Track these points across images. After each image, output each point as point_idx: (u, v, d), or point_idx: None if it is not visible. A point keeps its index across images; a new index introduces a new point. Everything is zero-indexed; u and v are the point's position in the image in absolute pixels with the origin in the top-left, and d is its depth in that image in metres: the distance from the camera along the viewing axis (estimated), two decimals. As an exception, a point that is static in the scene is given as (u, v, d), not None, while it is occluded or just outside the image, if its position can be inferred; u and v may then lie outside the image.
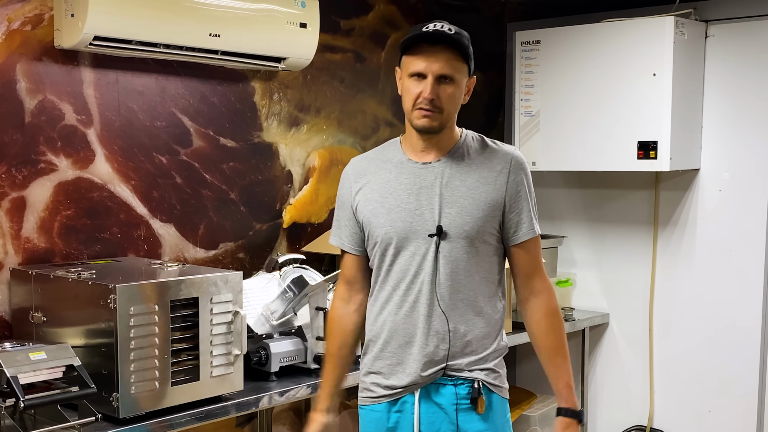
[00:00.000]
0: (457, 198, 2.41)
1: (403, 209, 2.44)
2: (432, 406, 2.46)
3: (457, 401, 2.45)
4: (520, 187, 2.46)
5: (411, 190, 2.45)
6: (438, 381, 2.46)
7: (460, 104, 2.45)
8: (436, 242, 2.41)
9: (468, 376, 2.45)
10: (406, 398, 2.48)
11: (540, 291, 2.51)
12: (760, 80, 3.88)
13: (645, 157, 3.86)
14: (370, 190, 2.51)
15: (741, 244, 3.98)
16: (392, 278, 2.46)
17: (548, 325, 2.51)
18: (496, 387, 2.48)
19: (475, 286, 2.44)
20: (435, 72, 2.34)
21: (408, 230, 2.43)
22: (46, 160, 2.99)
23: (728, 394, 4.04)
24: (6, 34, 2.88)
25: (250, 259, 3.62)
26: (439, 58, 2.34)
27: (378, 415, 2.52)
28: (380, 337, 2.50)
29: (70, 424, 2.40)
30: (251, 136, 3.61)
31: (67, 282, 2.66)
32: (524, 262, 2.50)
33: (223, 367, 2.77)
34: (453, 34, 2.34)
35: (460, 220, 2.40)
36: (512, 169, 2.46)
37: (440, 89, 2.36)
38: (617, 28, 3.95)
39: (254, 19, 3.26)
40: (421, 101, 2.36)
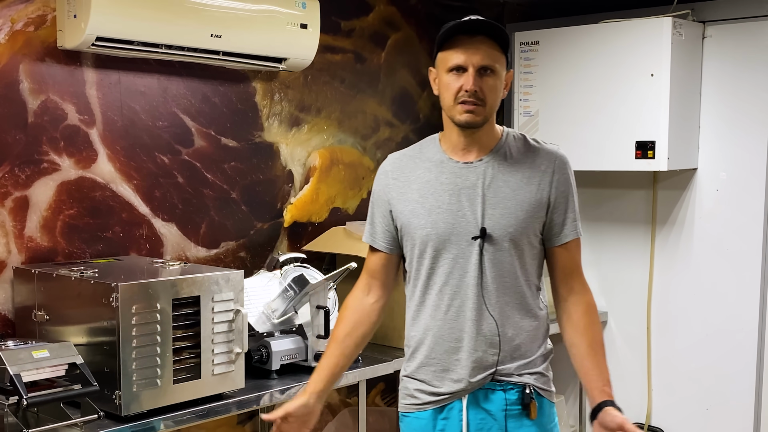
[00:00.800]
0: (501, 199, 2.33)
1: (445, 210, 2.35)
2: (480, 413, 2.38)
3: (506, 407, 2.37)
4: (564, 187, 2.39)
5: (452, 190, 2.35)
6: (486, 386, 2.37)
7: (500, 98, 2.36)
8: (480, 244, 2.32)
9: (518, 381, 2.37)
10: (453, 405, 2.39)
11: (580, 290, 2.45)
12: (757, 80, 3.87)
13: (643, 157, 3.85)
14: (410, 189, 2.41)
15: (738, 243, 3.98)
16: (434, 282, 2.37)
17: (590, 321, 2.43)
18: (545, 391, 2.42)
19: (521, 289, 2.37)
20: (476, 63, 2.25)
21: (450, 232, 2.34)
22: (48, 159, 2.99)
23: (725, 392, 4.04)
24: (9, 34, 2.88)
25: (251, 258, 3.62)
26: (479, 49, 2.26)
27: (423, 423, 2.42)
28: (424, 343, 2.41)
29: (72, 421, 2.40)
30: (252, 136, 3.61)
31: (70, 281, 2.66)
32: (566, 263, 2.43)
33: (225, 365, 2.77)
34: (490, 24, 2.27)
35: (504, 222, 2.32)
36: (557, 169, 2.38)
37: (482, 81, 2.27)
38: (615, 29, 3.95)
39: (255, 20, 3.26)
40: (462, 95, 2.27)
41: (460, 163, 2.37)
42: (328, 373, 2.49)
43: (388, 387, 4.18)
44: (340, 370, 2.52)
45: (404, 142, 4.22)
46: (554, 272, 2.45)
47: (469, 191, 2.34)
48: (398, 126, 4.21)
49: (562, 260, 2.43)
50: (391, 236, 2.47)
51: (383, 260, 2.51)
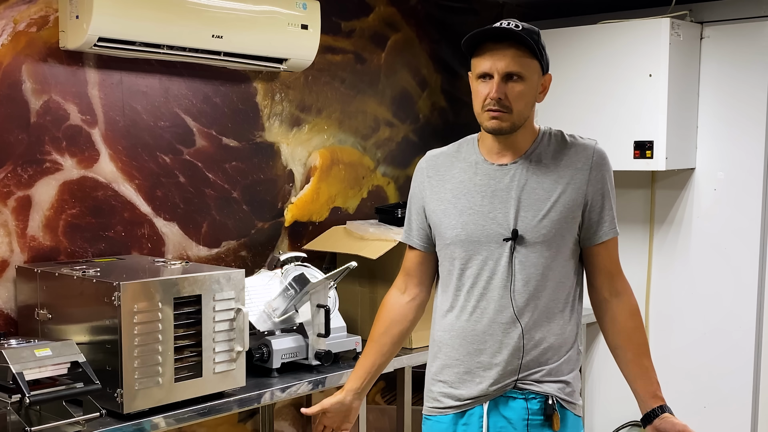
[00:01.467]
0: (534, 201, 2.29)
1: (477, 212, 2.33)
2: (500, 420, 2.33)
3: (528, 416, 2.31)
4: (601, 184, 2.34)
5: (485, 192, 2.33)
6: (507, 394, 2.33)
7: (534, 103, 2.33)
8: (511, 247, 2.29)
9: (539, 390, 2.32)
10: (473, 410, 2.35)
11: (623, 291, 2.40)
12: (754, 81, 3.87)
13: (641, 157, 3.85)
14: (443, 189, 2.40)
15: (735, 242, 3.98)
16: (463, 282, 2.35)
17: (635, 325, 2.40)
18: (569, 403, 2.35)
19: (551, 293, 2.31)
20: (501, 70, 2.22)
21: (480, 234, 2.31)
22: (51, 159, 2.99)
23: (723, 389, 4.04)
24: (12, 35, 2.88)
25: (252, 257, 3.62)
26: (505, 56, 2.22)
27: (444, 426, 2.39)
28: (447, 344, 2.39)
29: (74, 419, 2.40)
30: (253, 135, 3.61)
31: (72, 279, 2.66)
32: (606, 262, 2.38)
33: (226, 364, 2.77)
34: (518, 30, 2.22)
35: (538, 224, 2.28)
36: (593, 166, 2.34)
37: (508, 88, 2.23)
38: (614, 30, 3.95)
39: (256, 21, 3.26)
40: (488, 102, 2.25)
41: (494, 165, 2.35)
42: (365, 371, 2.52)
43: (388, 385, 4.18)
44: (377, 369, 2.54)
45: (404, 142, 4.22)
46: (594, 273, 2.40)
47: (503, 193, 2.32)
48: (398, 126, 4.21)
49: (602, 260, 2.38)
50: (425, 234, 2.46)
51: (419, 258, 2.50)
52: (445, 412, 2.40)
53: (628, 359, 2.40)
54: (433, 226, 2.42)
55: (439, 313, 2.44)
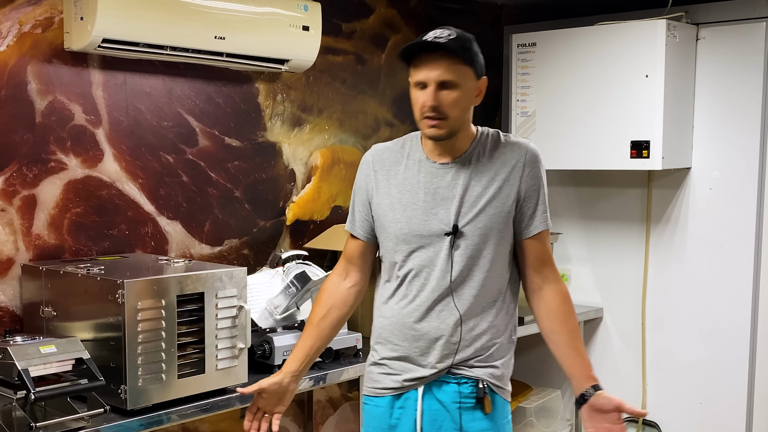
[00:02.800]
0: (473, 197, 2.38)
1: (420, 207, 2.41)
2: (435, 403, 2.42)
3: (460, 400, 2.41)
4: (534, 180, 2.42)
5: (428, 189, 2.41)
6: (441, 378, 2.41)
7: (470, 107, 2.39)
8: (451, 241, 2.37)
9: (471, 375, 2.40)
10: (409, 394, 2.44)
11: (554, 279, 2.48)
12: (749, 81, 3.87)
13: (638, 156, 3.85)
14: (389, 184, 2.47)
15: (731, 241, 3.98)
16: (404, 273, 2.43)
17: (568, 310, 2.46)
18: (498, 388, 2.44)
19: (487, 284, 2.40)
20: (434, 79, 2.29)
21: (423, 228, 2.39)
22: (56, 159, 2.99)
23: (719, 386, 4.04)
24: (17, 36, 2.87)
25: (254, 255, 3.62)
26: (438, 65, 2.28)
27: (381, 411, 2.49)
28: (388, 330, 2.47)
29: (79, 415, 2.40)
30: (255, 135, 3.61)
31: (77, 277, 2.66)
32: (538, 253, 2.46)
33: (228, 360, 2.77)
34: (447, 41, 2.27)
35: (476, 220, 2.37)
36: (527, 163, 2.41)
37: (442, 96, 2.30)
38: (611, 31, 3.94)
39: (258, 22, 3.26)
40: (425, 110, 2.31)
41: (436, 164, 2.44)
42: (304, 354, 2.54)
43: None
44: (315, 352, 2.58)
45: (404, 142, 4.22)
46: (527, 263, 2.48)
47: (444, 191, 2.41)
48: (398, 126, 4.21)
49: (534, 251, 2.47)
50: (369, 225, 2.55)
51: (361, 248, 2.58)
52: (382, 394, 2.48)
53: (562, 342, 2.46)
54: (376, 219, 2.50)
55: (380, 300, 2.52)
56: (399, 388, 2.45)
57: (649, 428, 4.27)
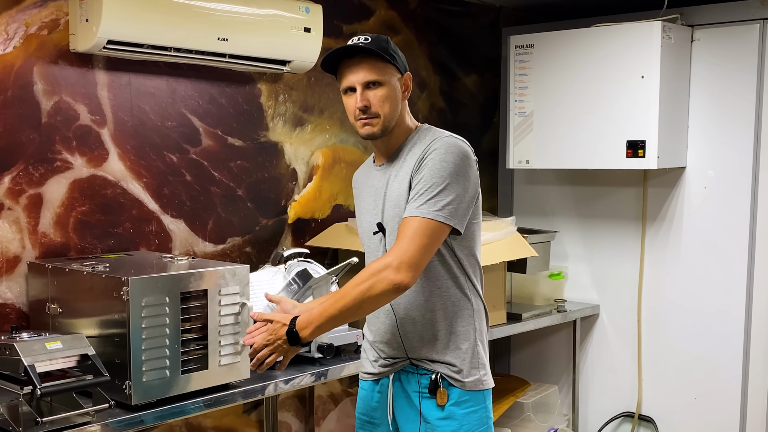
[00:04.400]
0: (392, 194, 2.45)
1: (365, 209, 2.57)
2: (401, 392, 2.56)
3: (419, 389, 2.50)
4: (423, 170, 2.33)
5: (369, 192, 2.56)
6: (407, 369, 2.53)
7: (399, 102, 2.43)
8: (380, 239, 2.48)
9: (428, 368, 2.48)
10: (383, 381, 2.59)
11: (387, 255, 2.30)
12: (743, 82, 3.87)
13: (634, 156, 3.85)
14: (358, 194, 2.65)
15: (725, 239, 3.98)
16: None
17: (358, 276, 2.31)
18: (456, 381, 2.46)
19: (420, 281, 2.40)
20: (360, 81, 2.38)
21: (365, 229, 2.56)
22: (61, 158, 2.99)
23: (713, 381, 4.04)
24: (24, 38, 2.87)
25: (257, 253, 3.62)
26: (361, 68, 2.38)
27: (365, 393, 2.66)
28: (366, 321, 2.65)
29: (84, 410, 2.40)
30: (258, 135, 3.61)
31: (82, 275, 2.66)
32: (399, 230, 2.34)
33: (231, 356, 2.77)
34: (367, 42, 2.37)
35: (392, 213, 2.44)
36: (426, 151, 2.36)
37: (370, 95, 2.39)
38: (607, 33, 3.94)
39: (260, 24, 3.26)
40: (357, 113, 2.41)
41: (376, 166, 2.56)
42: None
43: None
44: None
45: (404, 142, 4.21)
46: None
47: (377, 191, 2.52)
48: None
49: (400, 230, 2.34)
50: None
51: None
52: (366, 378, 2.67)
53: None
54: None
55: None
56: (376, 374, 2.60)
57: (645, 423, 4.27)
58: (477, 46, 4.65)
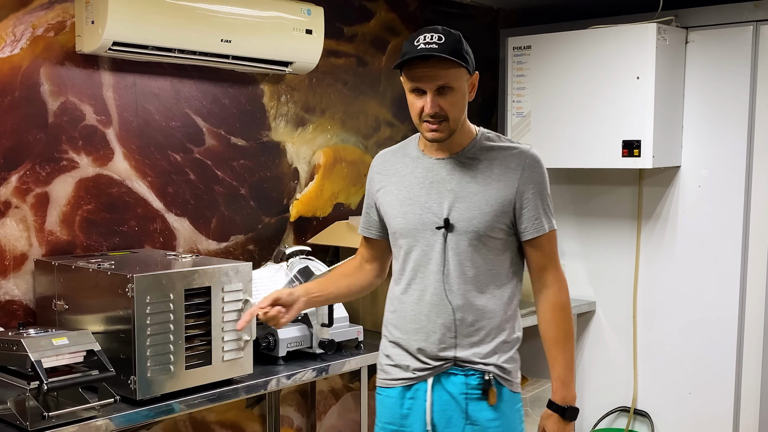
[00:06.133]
0: (467, 194, 2.35)
1: (415, 202, 2.39)
2: (444, 394, 2.41)
3: (467, 391, 2.39)
4: (533, 185, 2.37)
5: (423, 184, 2.40)
6: (450, 371, 2.40)
7: (466, 104, 2.36)
8: (444, 235, 2.35)
9: (477, 368, 2.38)
10: (419, 385, 2.43)
11: (550, 284, 2.43)
12: (736, 83, 3.87)
13: (629, 155, 3.85)
14: (389, 182, 2.47)
15: (719, 237, 3.97)
16: (406, 268, 2.43)
17: (552, 318, 2.43)
18: (505, 380, 2.42)
19: (482, 279, 2.37)
20: (432, 86, 2.27)
21: (418, 223, 2.38)
22: (68, 158, 2.98)
23: (707, 377, 4.04)
24: (30, 39, 2.87)
25: (259, 250, 3.62)
26: (434, 71, 2.26)
27: (392, 401, 2.47)
28: (392, 323, 2.48)
29: (90, 405, 2.40)
30: (260, 135, 3.60)
31: (88, 272, 2.66)
32: (535, 258, 2.42)
33: (234, 352, 2.76)
34: (440, 45, 2.24)
35: (469, 215, 2.33)
36: (526, 167, 2.36)
37: (441, 100, 2.27)
38: (603, 35, 3.94)
39: (263, 26, 3.25)
40: (424, 116, 2.30)
41: (432, 159, 2.42)
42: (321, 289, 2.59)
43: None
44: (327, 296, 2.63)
45: (404, 142, 4.21)
46: (529, 266, 2.47)
47: (439, 185, 2.38)
48: (398, 126, 4.20)
49: (531, 256, 2.44)
50: (376, 224, 2.57)
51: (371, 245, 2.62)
52: (393, 385, 2.47)
53: (546, 349, 2.47)
54: (384, 218, 2.51)
55: (390, 294, 2.53)
56: (409, 378, 2.44)
57: (641, 417, 4.27)
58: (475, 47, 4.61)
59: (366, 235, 2.60)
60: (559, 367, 2.43)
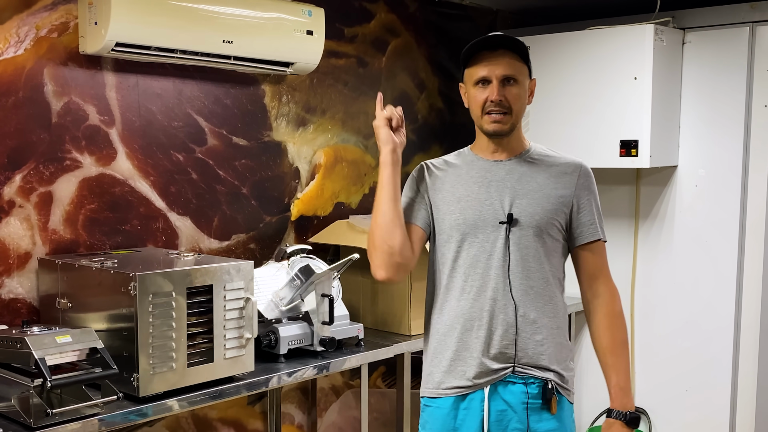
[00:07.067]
0: (528, 191, 2.34)
1: (473, 198, 2.36)
2: (501, 404, 2.33)
3: (527, 400, 2.32)
4: (588, 192, 2.40)
5: (481, 182, 2.37)
6: (508, 379, 2.33)
7: (526, 105, 2.37)
8: (507, 229, 2.31)
9: (538, 375, 2.32)
10: (474, 395, 2.34)
11: (602, 293, 2.41)
12: (733, 83, 3.87)
13: (627, 155, 3.85)
14: (442, 181, 2.43)
15: (716, 236, 3.97)
16: (459, 265, 2.36)
17: (606, 326, 2.40)
18: (564, 390, 2.38)
19: (545, 275, 2.34)
20: (498, 75, 2.28)
21: (477, 218, 2.34)
22: (71, 157, 2.98)
23: (704, 374, 4.03)
24: (34, 40, 2.87)
25: (261, 249, 3.62)
26: (501, 61, 2.28)
27: (444, 412, 2.37)
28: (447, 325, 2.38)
29: (93, 402, 2.40)
30: (262, 135, 3.60)
31: (91, 270, 2.65)
32: (589, 264, 2.40)
33: (236, 350, 2.76)
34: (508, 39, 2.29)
35: (531, 210, 2.32)
36: (581, 174, 2.41)
37: (506, 90, 2.29)
38: (601, 36, 3.94)
39: (264, 27, 3.25)
40: (488, 105, 2.29)
41: (490, 161, 2.40)
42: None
43: (389, 370, 4.18)
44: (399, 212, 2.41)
45: (404, 141, 4.21)
46: (580, 275, 2.43)
47: (498, 183, 2.36)
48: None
49: (586, 262, 2.41)
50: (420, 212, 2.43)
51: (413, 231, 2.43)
52: (445, 394, 2.37)
53: (599, 357, 2.43)
54: (435, 214, 2.42)
55: (439, 299, 2.42)
56: (464, 387, 2.35)
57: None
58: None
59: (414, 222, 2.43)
60: (616, 375, 2.39)
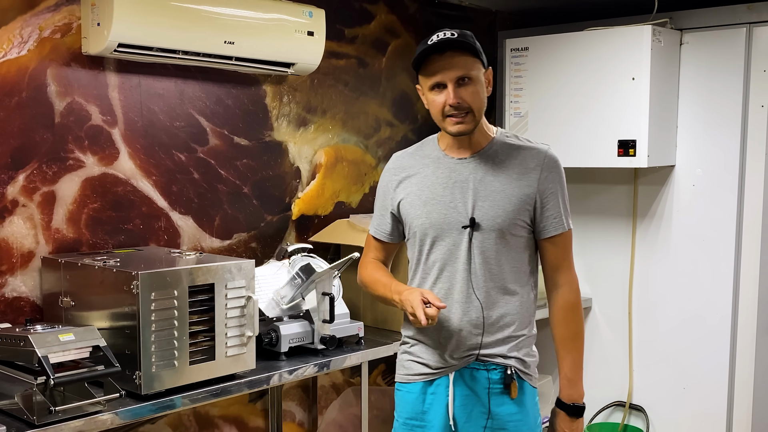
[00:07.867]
0: (490, 192, 2.35)
1: (439, 202, 2.38)
2: (465, 390, 2.41)
3: (489, 386, 2.39)
4: (552, 184, 2.38)
5: (446, 183, 2.39)
6: (471, 366, 2.40)
7: (485, 98, 2.37)
8: (470, 233, 2.34)
9: (500, 362, 2.39)
10: (440, 381, 2.43)
11: (562, 284, 2.44)
12: (730, 84, 3.86)
13: (625, 155, 3.85)
14: (410, 183, 2.46)
15: (713, 235, 3.97)
16: (429, 267, 2.42)
17: (561, 318, 2.44)
18: (525, 374, 2.43)
19: (506, 276, 2.37)
20: (452, 77, 2.27)
21: (443, 222, 2.37)
22: (74, 157, 2.98)
23: (701, 372, 4.03)
24: (37, 41, 2.87)
25: (262, 248, 3.61)
26: (452, 63, 2.27)
27: (413, 396, 2.47)
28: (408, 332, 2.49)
29: (96, 399, 2.40)
30: (263, 135, 3.60)
31: (94, 269, 2.65)
32: (551, 256, 2.43)
33: (237, 348, 2.76)
34: (456, 37, 2.27)
35: (492, 213, 2.34)
36: (544, 167, 2.38)
37: (462, 91, 2.28)
38: (599, 36, 3.93)
39: (265, 28, 3.25)
40: (447, 109, 2.29)
41: (454, 159, 2.41)
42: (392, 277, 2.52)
43: (389, 368, 4.18)
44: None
45: (403, 141, 4.21)
46: (543, 265, 2.47)
47: (462, 184, 2.37)
48: (398, 126, 4.20)
49: (548, 254, 2.44)
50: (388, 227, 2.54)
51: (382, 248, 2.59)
52: (414, 380, 2.47)
53: (556, 347, 2.48)
54: (403, 218, 2.48)
55: None
56: (430, 374, 2.43)
57: (636, 412, 4.27)
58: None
59: (380, 238, 2.58)
60: (566, 366, 2.45)
